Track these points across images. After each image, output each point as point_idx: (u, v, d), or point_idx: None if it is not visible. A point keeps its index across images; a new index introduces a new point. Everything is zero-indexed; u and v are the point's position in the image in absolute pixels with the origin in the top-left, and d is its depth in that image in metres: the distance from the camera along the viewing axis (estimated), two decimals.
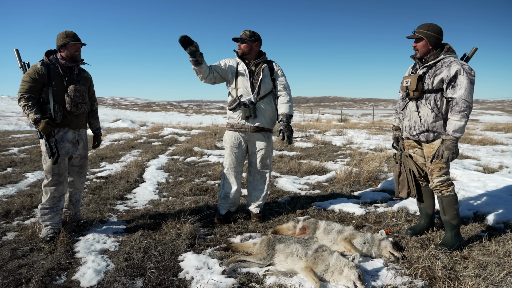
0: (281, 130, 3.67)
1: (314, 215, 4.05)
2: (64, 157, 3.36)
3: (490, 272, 2.60)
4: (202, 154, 8.75)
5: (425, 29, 2.99)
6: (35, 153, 8.58)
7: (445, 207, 3.05)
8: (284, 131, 3.65)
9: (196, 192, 5.13)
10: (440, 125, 2.99)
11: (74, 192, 3.67)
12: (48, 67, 3.26)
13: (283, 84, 3.82)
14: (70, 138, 3.39)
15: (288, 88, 3.85)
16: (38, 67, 3.22)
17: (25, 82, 3.19)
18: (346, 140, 11.11)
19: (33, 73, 3.20)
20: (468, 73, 2.83)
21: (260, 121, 3.76)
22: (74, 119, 3.40)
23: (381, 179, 5.75)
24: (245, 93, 3.72)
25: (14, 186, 5.40)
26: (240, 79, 3.74)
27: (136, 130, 18.51)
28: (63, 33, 3.31)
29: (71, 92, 3.29)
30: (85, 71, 3.61)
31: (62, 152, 3.33)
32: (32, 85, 3.19)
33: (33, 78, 3.19)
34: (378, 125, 20.37)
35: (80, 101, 3.34)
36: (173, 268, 2.80)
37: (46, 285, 2.55)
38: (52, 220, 3.36)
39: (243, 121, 3.75)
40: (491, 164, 6.88)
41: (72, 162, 3.55)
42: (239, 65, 3.77)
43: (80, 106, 3.35)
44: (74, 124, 3.41)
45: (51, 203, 3.35)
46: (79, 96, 3.34)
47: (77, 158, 3.56)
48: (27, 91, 3.18)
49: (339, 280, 2.47)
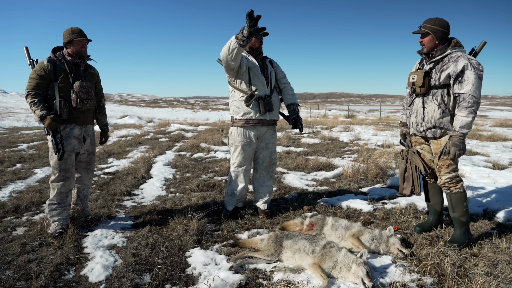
0: (294, 118, 3.75)
1: (322, 211, 4.03)
2: (70, 153, 3.37)
3: (501, 270, 2.57)
4: (209, 150, 8.76)
5: (431, 24, 2.94)
6: (44, 149, 8.66)
7: (454, 204, 3.02)
8: (298, 119, 3.76)
9: (203, 188, 5.14)
10: (447, 121, 2.95)
11: (82, 188, 3.69)
12: (55, 64, 3.28)
13: (285, 76, 3.97)
14: (77, 134, 3.40)
15: (288, 80, 4.01)
16: (44, 64, 3.24)
17: (32, 79, 3.22)
18: (353, 136, 11.04)
19: (39, 70, 3.22)
20: (476, 68, 2.78)
21: (275, 114, 3.82)
22: (81, 115, 3.40)
23: (389, 175, 5.71)
24: (260, 87, 3.67)
25: (24, 182, 5.46)
26: (253, 73, 3.67)
27: (143, 126, 18.59)
28: (69, 30, 3.32)
29: (76, 88, 3.30)
30: (92, 67, 3.62)
31: (68, 149, 3.35)
32: (38, 82, 3.21)
33: (40, 75, 3.21)
34: (385, 121, 20.21)
35: (86, 97, 3.35)
36: (181, 264, 2.81)
37: (55, 279, 2.58)
38: (60, 215, 3.39)
39: (260, 116, 3.69)
40: (501, 161, 6.79)
41: (79, 158, 3.57)
42: (249, 59, 3.71)
43: (85, 102, 3.36)
44: (81, 121, 3.42)
45: (58, 199, 3.38)
46: (85, 92, 3.34)
47: (84, 154, 3.57)
48: (34, 88, 3.21)
49: (347, 277, 2.46)
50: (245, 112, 3.68)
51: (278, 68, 3.96)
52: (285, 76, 3.97)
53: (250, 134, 3.73)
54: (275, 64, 3.96)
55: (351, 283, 2.42)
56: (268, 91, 3.72)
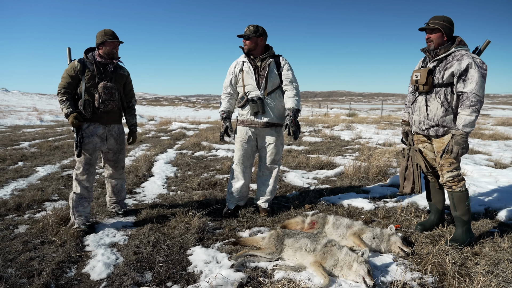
0: (286, 125, 3.57)
1: (323, 209, 4.03)
2: (93, 151, 3.49)
3: (502, 269, 2.56)
4: (210, 148, 8.77)
5: (441, 20, 2.93)
6: (45, 147, 8.68)
7: (456, 202, 3.01)
8: (290, 126, 3.55)
9: (205, 186, 5.15)
10: (450, 120, 2.94)
11: (114, 183, 3.84)
12: (84, 64, 3.43)
13: (289, 78, 3.73)
14: (100, 133, 3.52)
15: (295, 82, 3.76)
16: (75, 64, 3.41)
17: (63, 78, 3.41)
18: (354, 135, 11.03)
19: (70, 69, 3.39)
20: (480, 67, 2.77)
21: (269, 117, 3.74)
22: (104, 115, 3.50)
23: (390, 174, 5.70)
24: (252, 89, 3.71)
25: (25, 180, 5.48)
26: (246, 76, 3.73)
27: (144, 124, 18.62)
28: (102, 32, 3.45)
29: (100, 89, 3.41)
30: (122, 68, 3.72)
31: (90, 146, 3.46)
32: (68, 81, 3.38)
33: (70, 75, 3.38)
34: (386, 119, 20.19)
35: (108, 98, 3.43)
36: (182, 262, 2.82)
37: (57, 277, 2.58)
38: (86, 209, 3.51)
39: (252, 117, 3.75)
40: (503, 159, 6.78)
41: (106, 157, 3.72)
42: (244, 64, 3.76)
43: (107, 103, 3.44)
44: (104, 120, 3.52)
45: (84, 192, 3.50)
46: (107, 93, 3.43)
47: (110, 153, 3.70)
48: (64, 86, 3.38)
49: (348, 275, 2.46)
50: (240, 113, 3.86)
51: (284, 70, 3.75)
52: (290, 79, 3.72)
53: (248, 133, 3.80)
54: (283, 67, 3.76)
55: (352, 282, 2.42)
56: (261, 94, 3.69)
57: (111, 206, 3.90)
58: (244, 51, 3.77)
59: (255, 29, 3.66)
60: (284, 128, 3.62)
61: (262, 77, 3.69)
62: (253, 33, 3.65)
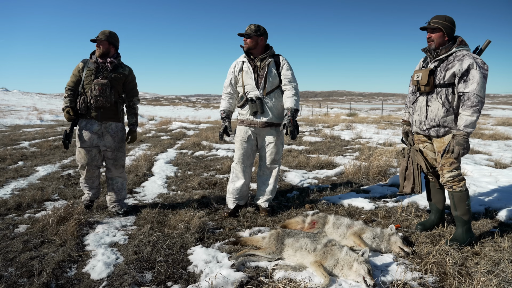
0: (284, 124, 3.55)
1: (323, 209, 4.03)
2: (91, 148, 3.72)
3: (502, 269, 2.57)
4: (210, 148, 8.76)
5: (442, 20, 2.92)
6: (46, 147, 8.67)
7: (456, 202, 3.01)
8: (288, 125, 3.52)
9: (205, 186, 5.14)
10: (451, 120, 2.94)
11: (114, 181, 3.90)
12: (85, 63, 3.70)
13: (288, 78, 3.71)
14: (95, 129, 3.66)
15: (294, 82, 3.74)
16: (79, 64, 3.71)
17: (70, 77, 3.72)
18: (354, 135, 11.03)
19: (75, 69, 3.71)
20: (481, 67, 2.77)
21: (268, 117, 3.74)
22: (98, 111, 3.63)
23: (391, 173, 5.71)
24: (251, 89, 3.72)
25: (25, 180, 5.47)
26: (245, 76, 3.74)
27: (144, 124, 18.61)
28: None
29: (93, 85, 3.58)
30: (123, 67, 3.79)
31: (87, 143, 3.70)
32: (73, 79, 3.68)
33: (74, 74, 3.69)
34: (387, 119, 20.18)
35: (97, 95, 3.56)
36: (182, 261, 2.81)
37: (57, 277, 2.58)
38: (91, 190, 3.94)
39: (251, 117, 3.76)
40: (503, 159, 6.78)
41: (106, 155, 3.80)
42: (244, 64, 3.77)
43: (97, 99, 3.56)
44: (99, 116, 3.65)
45: (87, 181, 3.88)
46: (98, 89, 3.56)
47: (108, 151, 3.77)
48: (69, 84, 3.68)
49: (349, 275, 2.46)
50: (239, 113, 3.89)
51: (283, 69, 3.74)
52: (290, 78, 3.71)
53: (248, 132, 3.82)
54: (282, 67, 3.75)
55: (352, 281, 2.42)
56: (260, 93, 3.70)
57: (112, 205, 3.90)
58: (244, 49, 3.77)
59: (256, 28, 3.66)
60: (282, 128, 3.59)
61: (261, 77, 3.70)
62: (254, 32, 3.65)
